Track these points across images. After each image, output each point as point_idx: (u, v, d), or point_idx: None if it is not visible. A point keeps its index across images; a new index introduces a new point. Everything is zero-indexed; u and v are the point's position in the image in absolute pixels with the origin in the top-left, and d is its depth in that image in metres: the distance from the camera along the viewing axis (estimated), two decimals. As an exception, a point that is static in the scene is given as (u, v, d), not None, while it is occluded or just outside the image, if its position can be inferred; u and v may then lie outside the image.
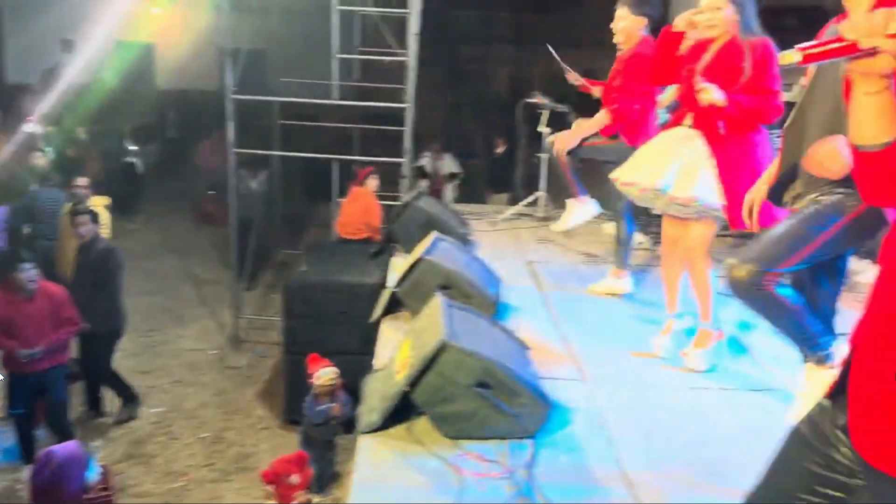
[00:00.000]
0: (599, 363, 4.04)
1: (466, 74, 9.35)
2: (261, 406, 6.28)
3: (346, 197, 6.63)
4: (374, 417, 3.11)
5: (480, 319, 3.57)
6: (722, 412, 3.63)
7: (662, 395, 3.79)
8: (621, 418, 3.46)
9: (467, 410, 3.08)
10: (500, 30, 10.17)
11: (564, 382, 3.73)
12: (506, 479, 2.84)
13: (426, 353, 3.04)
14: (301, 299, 5.57)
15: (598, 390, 3.72)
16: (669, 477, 3.02)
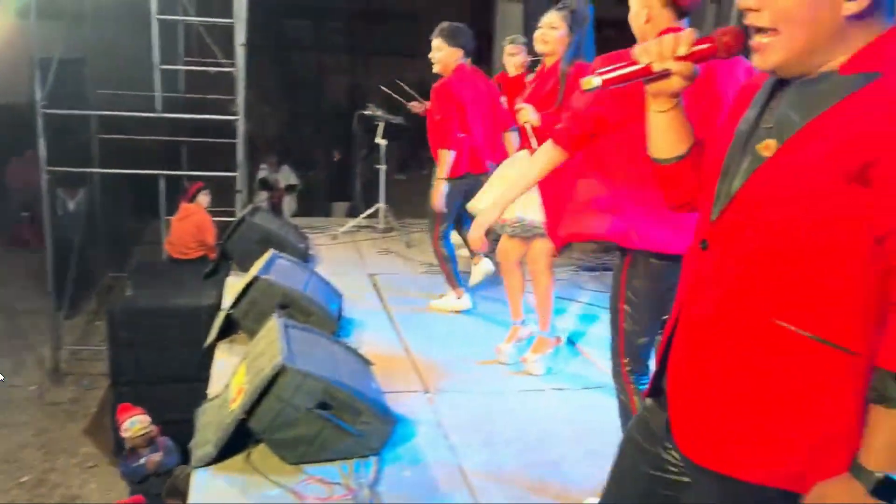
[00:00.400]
0: (443, 374, 4.02)
1: (301, 84, 9.13)
2: (88, 443, 5.67)
3: (176, 214, 6.14)
4: (208, 450, 2.86)
5: (321, 338, 3.43)
6: (558, 412, 3.72)
7: (503, 401, 3.82)
8: (464, 426, 3.46)
9: (309, 434, 2.92)
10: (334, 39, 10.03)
11: (408, 396, 3.69)
12: (350, 500, 2.75)
13: (263, 377, 2.85)
14: (128, 326, 5.08)
15: (441, 401, 3.69)
16: (510, 479, 3.08)
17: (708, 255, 1.42)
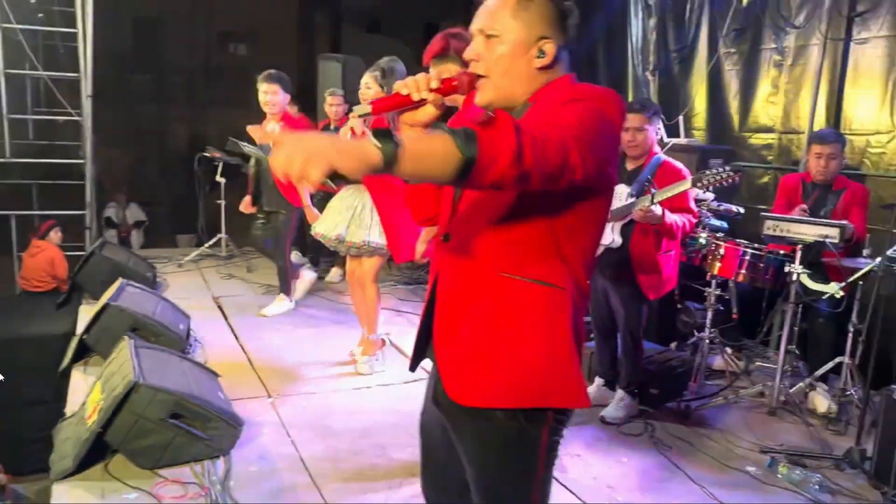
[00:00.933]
0: (282, 380, 4.17)
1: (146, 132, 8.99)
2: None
3: (27, 250, 5.96)
4: (67, 464, 2.92)
5: (171, 356, 3.52)
6: (384, 404, 3.92)
7: (336, 399, 4.00)
8: (302, 423, 3.60)
9: (163, 441, 3.03)
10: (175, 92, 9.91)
11: (253, 401, 3.82)
12: (204, 497, 2.83)
13: (117, 394, 2.96)
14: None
15: (281, 403, 3.84)
16: (344, 464, 3.20)
17: (449, 244, 1.59)
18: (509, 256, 1.51)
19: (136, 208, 8.74)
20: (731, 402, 4.23)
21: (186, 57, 7.92)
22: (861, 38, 4.84)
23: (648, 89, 6.55)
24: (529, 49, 1.49)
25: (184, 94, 7.60)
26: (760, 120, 5.61)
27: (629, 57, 6.79)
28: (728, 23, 5.74)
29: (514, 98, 1.52)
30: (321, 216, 4.52)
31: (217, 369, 3.71)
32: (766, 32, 5.52)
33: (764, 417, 4.05)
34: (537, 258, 1.50)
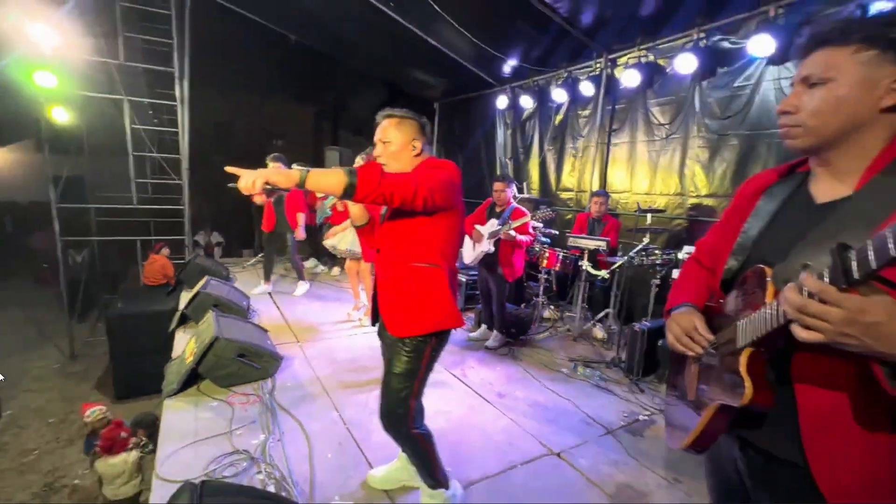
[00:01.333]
0: (306, 332, 3.97)
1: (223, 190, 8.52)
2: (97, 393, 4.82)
3: (147, 260, 5.51)
4: (173, 387, 2.72)
5: (238, 321, 3.32)
6: (365, 343, 3.77)
7: (338, 341, 3.82)
8: (320, 357, 3.44)
9: (234, 371, 2.87)
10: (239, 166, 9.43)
11: (288, 345, 3.63)
12: (259, 402, 2.70)
13: (205, 343, 2.80)
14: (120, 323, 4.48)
15: (306, 346, 3.66)
16: (343, 378, 3.10)
17: (380, 254, 1.67)
18: (413, 254, 1.60)
19: (217, 234, 8.26)
20: (553, 335, 4.30)
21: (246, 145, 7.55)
22: (614, 142, 5.00)
23: (508, 169, 6.63)
24: (407, 146, 1.64)
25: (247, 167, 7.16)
26: (565, 184, 5.71)
27: (497, 150, 6.84)
28: (549, 133, 5.91)
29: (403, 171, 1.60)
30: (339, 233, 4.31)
31: (266, 328, 3.54)
32: (567, 138, 5.61)
33: (570, 342, 4.11)
34: (427, 252, 1.59)
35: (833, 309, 0.60)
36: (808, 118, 0.78)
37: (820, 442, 0.75)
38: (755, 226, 0.91)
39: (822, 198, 0.84)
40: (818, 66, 0.77)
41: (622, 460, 2.35)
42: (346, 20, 5.78)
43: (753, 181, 1.02)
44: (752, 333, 0.78)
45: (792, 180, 0.92)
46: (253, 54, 6.95)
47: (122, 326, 4.46)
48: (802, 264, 0.73)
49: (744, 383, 0.77)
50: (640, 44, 4.55)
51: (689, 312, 0.98)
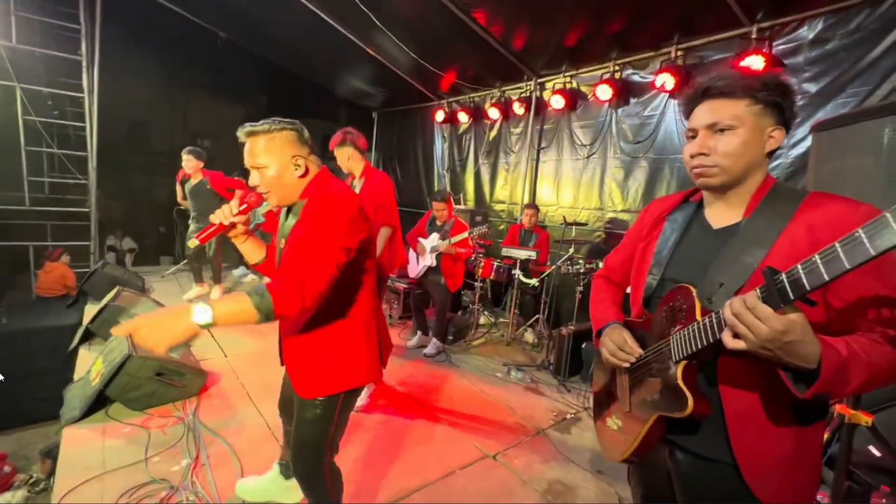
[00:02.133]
0: (233, 344, 3.65)
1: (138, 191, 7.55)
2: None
3: (42, 269, 4.74)
4: (74, 413, 2.39)
5: (155, 335, 2.92)
6: None
7: (273, 350, 3.54)
8: (250, 370, 3.21)
9: (150, 391, 2.60)
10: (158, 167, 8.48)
11: (213, 360, 3.35)
12: (181, 423, 2.47)
13: (116, 362, 2.48)
14: (2, 342, 3.78)
15: (233, 359, 3.39)
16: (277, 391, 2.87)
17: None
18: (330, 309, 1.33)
19: (129, 240, 7.36)
20: (488, 340, 4.38)
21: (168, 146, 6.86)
22: (543, 160, 5.27)
23: (445, 180, 6.71)
24: (288, 167, 1.29)
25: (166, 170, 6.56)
26: (499, 196, 5.88)
27: (435, 162, 6.90)
28: (484, 147, 6.09)
29: (291, 199, 1.34)
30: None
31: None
32: (500, 153, 5.81)
33: (503, 347, 4.21)
34: (336, 303, 1.33)
35: (762, 325, 0.68)
36: (722, 159, 0.88)
37: (742, 438, 0.84)
38: (665, 248, 1.01)
39: (718, 223, 0.95)
40: (723, 114, 0.87)
41: (552, 457, 2.46)
42: (280, 22, 5.54)
43: (653, 208, 1.12)
44: (686, 348, 0.85)
45: (688, 208, 1.04)
46: (175, 49, 6.37)
47: (7, 344, 3.80)
48: (719, 283, 0.85)
49: (684, 395, 0.83)
50: (565, 70, 4.89)
51: (618, 328, 1.06)
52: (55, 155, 5.01)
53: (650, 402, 0.94)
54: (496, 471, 2.30)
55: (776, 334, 0.67)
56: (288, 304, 1.11)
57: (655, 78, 3.86)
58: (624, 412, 1.05)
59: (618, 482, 2.25)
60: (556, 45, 4.55)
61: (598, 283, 1.28)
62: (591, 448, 2.57)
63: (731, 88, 0.87)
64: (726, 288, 0.83)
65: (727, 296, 0.80)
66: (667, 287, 0.96)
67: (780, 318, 0.67)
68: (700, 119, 0.91)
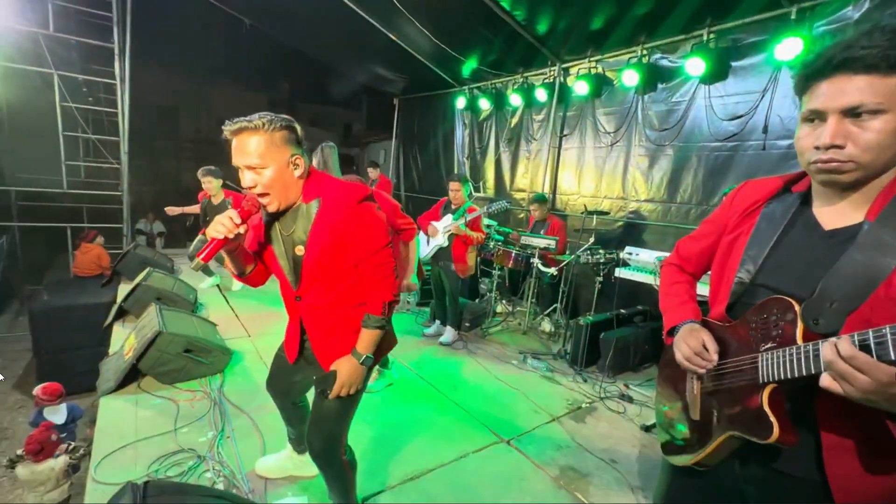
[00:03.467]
0: (259, 325, 3.80)
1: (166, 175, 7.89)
2: (16, 393, 4.34)
3: (79, 249, 5.00)
4: (110, 385, 2.54)
5: (184, 314, 3.15)
6: None
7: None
8: (273, 351, 3.28)
9: (179, 367, 2.73)
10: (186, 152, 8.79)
11: (238, 339, 3.47)
12: (207, 398, 2.58)
13: (147, 338, 2.62)
14: (45, 317, 4.04)
15: (256, 340, 3.51)
16: None
17: (302, 301, 1.39)
18: (344, 298, 1.38)
19: (160, 223, 7.66)
20: (504, 328, 4.40)
21: (195, 132, 7.04)
22: (565, 147, 5.18)
23: (465, 168, 6.68)
24: (287, 168, 1.24)
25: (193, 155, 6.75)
26: (519, 185, 5.83)
27: (456, 149, 6.87)
28: (505, 134, 6.03)
29: (292, 201, 1.29)
30: None
31: (216, 322, 3.36)
32: (522, 141, 5.73)
33: (520, 336, 4.22)
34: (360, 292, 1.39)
35: (861, 377, 0.60)
36: (863, 153, 0.71)
37: (840, 472, 0.75)
38: (758, 248, 0.86)
39: (831, 223, 0.79)
40: (868, 95, 0.69)
41: (566, 445, 2.47)
42: (304, 9, 5.56)
43: (745, 195, 0.96)
44: (779, 371, 0.75)
45: (789, 199, 0.88)
46: (203, 36, 6.50)
47: (49, 320, 4.06)
48: (830, 301, 0.71)
49: (769, 421, 0.76)
50: (590, 55, 4.75)
51: (697, 330, 0.95)
52: (90, 140, 5.23)
53: (725, 418, 0.85)
54: (509, 455, 2.33)
55: (881, 387, 0.59)
56: (386, 310, 1.38)
57: (685, 62, 3.72)
58: (692, 419, 0.96)
59: (630, 474, 2.25)
60: (581, 29, 4.43)
61: (671, 273, 1.15)
62: (606, 438, 2.57)
63: (880, 61, 0.67)
64: (838, 308, 0.70)
65: (838, 318, 0.69)
66: (759, 294, 0.83)
67: (885, 370, 0.58)
68: (832, 100, 0.72)
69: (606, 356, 3.39)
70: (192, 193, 6.56)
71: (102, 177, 5.33)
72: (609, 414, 2.86)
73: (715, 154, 3.77)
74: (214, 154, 10.56)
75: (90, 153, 5.43)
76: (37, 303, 4.23)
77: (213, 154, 11.56)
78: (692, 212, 3.94)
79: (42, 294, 4.39)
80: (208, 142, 10.32)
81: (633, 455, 2.42)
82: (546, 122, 5.35)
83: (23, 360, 4.83)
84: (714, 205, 3.75)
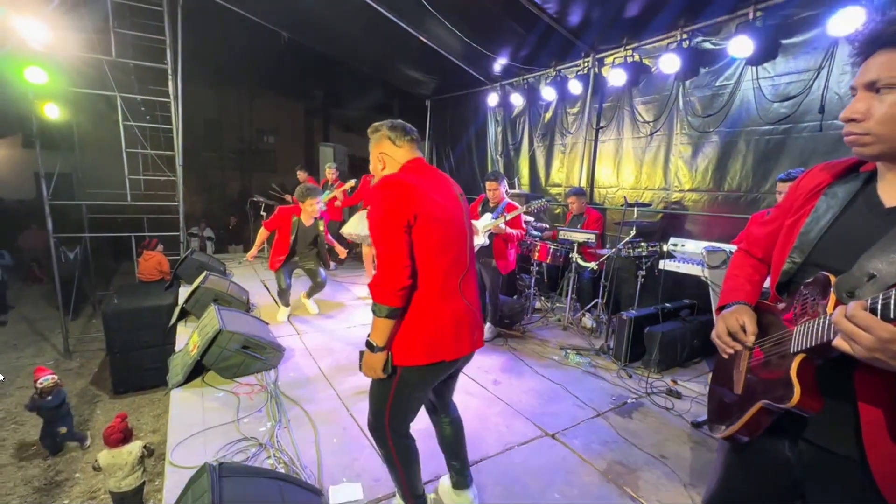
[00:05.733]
0: (307, 324, 3.99)
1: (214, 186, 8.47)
2: (93, 389, 4.78)
3: (142, 256, 5.45)
4: (178, 378, 2.76)
5: (240, 313, 3.35)
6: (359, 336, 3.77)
7: (339, 333, 3.84)
8: (320, 348, 3.48)
9: (238, 362, 2.92)
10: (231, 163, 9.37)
11: (289, 337, 3.66)
12: (264, 391, 2.75)
13: (209, 336, 2.82)
14: (115, 319, 4.42)
15: (306, 338, 3.67)
16: (344, 368, 3.13)
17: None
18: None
19: (209, 230, 8.19)
20: (544, 325, 4.39)
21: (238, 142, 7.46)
22: (602, 139, 5.09)
23: (498, 165, 6.69)
24: (378, 162, 1.53)
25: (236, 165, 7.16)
26: (555, 180, 5.80)
27: (488, 147, 6.90)
28: (538, 130, 5.99)
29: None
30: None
31: (267, 320, 3.57)
32: (556, 135, 5.69)
33: (560, 332, 4.21)
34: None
35: (864, 334, 0.63)
36: (877, 126, 0.74)
37: (878, 440, 0.76)
38: (815, 228, 0.87)
39: (893, 201, 0.79)
40: (885, 69, 0.71)
41: (612, 440, 2.46)
42: (338, 18, 5.77)
43: (810, 178, 0.95)
44: (806, 341, 0.78)
45: (855, 180, 0.87)
46: (244, 52, 6.89)
47: (120, 321, 4.43)
48: (868, 274, 0.72)
49: (792, 384, 0.79)
50: (626, 44, 4.65)
51: (740, 311, 0.98)
52: (149, 155, 5.68)
53: (760, 389, 0.90)
54: (555, 449, 2.35)
55: (883, 344, 0.61)
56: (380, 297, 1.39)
57: (729, 43, 3.58)
58: (735, 392, 0.99)
59: (680, 469, 2.21)
60: (615, 17, 4.34)
61: (738, 257, 1.16)
62: (654, 433, 2.53)
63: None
64: (878, 282, 0.70)
65: (877, 291, 0.68)
66: (811, 273, 0.83)
67: (885, 328, 0.60)
68: (861, 75, 0.76)
69: (652, 351, 3.32)
70: (237, 201, 6.95)
71: (160, 189, 5.79)
72: (656, 410, 2.81)
73: (766, 138, 3.60)
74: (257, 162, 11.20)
75: (149, 168, 5.92)
76: (108, 306, 4.64)
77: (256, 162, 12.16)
78: (742, 199, 3.78)
79: (112, 298, 4.82)
80: (250, 151, 10.91)
81: (683, 452, 2.37)
82: (581, 115, 5.28)
83: (97, 358, 5.32)
84: (766, 192, 3.58)
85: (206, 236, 8.15)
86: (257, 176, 9.57)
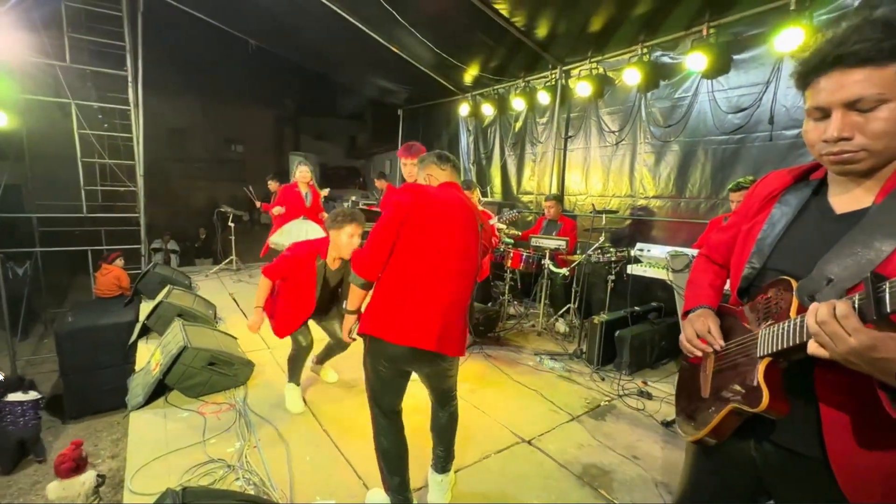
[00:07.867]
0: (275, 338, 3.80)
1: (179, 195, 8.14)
2: (45, 414, 4.44)
3: (99, 271, 5.14)
4: (139, 400, 2.62)
5: (206, 328, 3.23)
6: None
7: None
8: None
9: (204, 380, 2.81)
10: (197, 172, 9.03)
11: (258, 352, 3.54)
12: (232, 409, 2.64)
13: (173, 353, 2.69)
14: (70, 339, 4.15)
15: (276, 353, 3.56)
16: (317, 381, 3.03)
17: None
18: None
19: (173, 242, 7.85)
20: (518, 330, 4.40)
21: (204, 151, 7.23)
22: (570, 148, 5.23)
23: (471, 174, 6.75)
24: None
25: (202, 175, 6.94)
26: (526, 188, 5.89)
27: (461, 156, 6.95)
28: (510, 139, 6.09)
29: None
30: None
31: (235, 334, 3.43)
32: (527, 144, 5.81)
33: (535, 337, 4.24)
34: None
35: (847, 338, 0.62)
36: (873, 142, 0.73)
37: (839, 440, 0.77)
38: (771, 234, 0.89)
39: (843, 208, 0.81)
40: (867, 89, 0.71)
41: (587, 443, 2.49)
42: (307, 27, 5.72)
43: (764, 185, 0.98)
44: (772, 345, 0.79)
45: (806, 188, 0.89)
46: (209, 59, 6.72)
47: (74, 341, 4.16)
48: (827, 279, 0.73)
49: (761, 389, 0.80)
50: (591, 56, 4.82)
51: (705, 315, 1.00)
52: (107, 165, 5.41)
53: (729, 392, 0.90)
54: (531, 455, 2.35)
55: (862, 349, 0.61)
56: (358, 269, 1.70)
57: (686, 58, 3.76)
58: (702, 396, 1.00)
59: (652, 469, 2.26)
60: (581, 31, 4.50)
61: (699, 262, 1.18)
62: (626, 434, 2.58)
63: (874, 53, 0.69)
64: (836, 286, 0.72)
65: (835, 295, 0.69)
66: (769, 278, 0.86)
67: (867, 333, 0.60)
68: (832, 95, 0.74)
69: (623, 354, 3.39)
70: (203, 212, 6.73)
71: (119, 200, 5.52)
72: (629, 411, 2.87)
73: (722, 147, 3.79)
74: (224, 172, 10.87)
75: (107, 178, 5.63)
76: (62, 324, 4.36)
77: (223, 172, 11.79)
78: (702, 206, 3.95)
79: (66, 316, 4.53)
80: (217, 160, 10.58)
81: (654, 451, 2.43)
82: (550, 125, 5.41)
83: (49, 381, 4.97)
84: (723, 198, 3.76)
85: (171, 249, 7.83)
86: (225, 186, 9.28)
